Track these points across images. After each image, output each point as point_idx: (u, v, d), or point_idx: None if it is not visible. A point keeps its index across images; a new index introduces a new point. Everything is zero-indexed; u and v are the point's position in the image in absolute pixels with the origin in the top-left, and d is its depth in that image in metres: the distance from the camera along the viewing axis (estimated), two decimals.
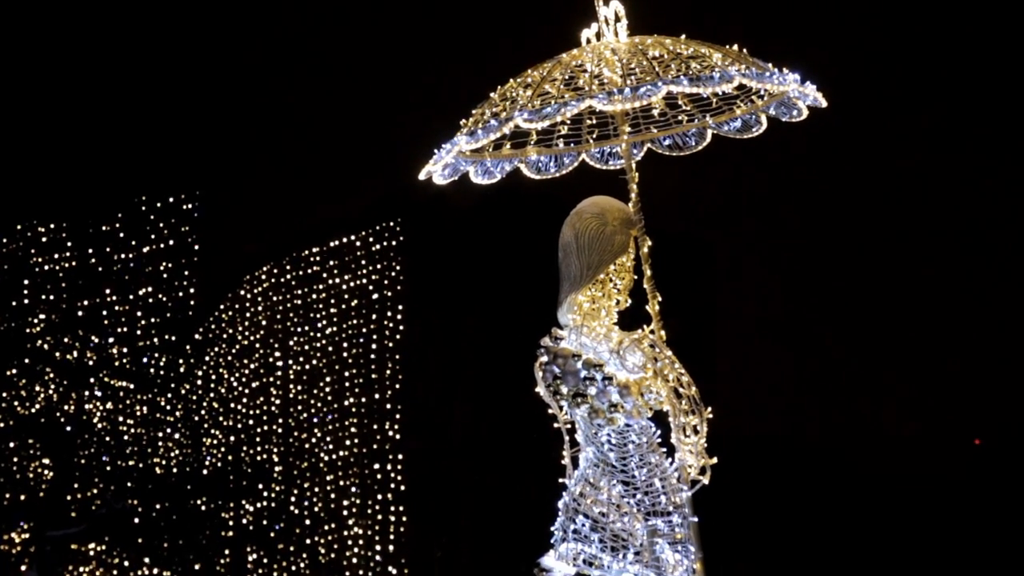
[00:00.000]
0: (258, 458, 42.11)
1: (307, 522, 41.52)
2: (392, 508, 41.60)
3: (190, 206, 38.65)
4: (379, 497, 41.82)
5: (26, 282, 34.90)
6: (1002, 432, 52.10)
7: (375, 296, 42.85)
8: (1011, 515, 46.90)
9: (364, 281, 43.18)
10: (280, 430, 44.07)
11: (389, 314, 42.62)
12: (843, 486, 48.16)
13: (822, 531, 46.17)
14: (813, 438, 51.45)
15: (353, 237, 43.66)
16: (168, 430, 37.53)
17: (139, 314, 36.99)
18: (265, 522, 39.70)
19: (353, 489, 42.33)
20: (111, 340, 34.86)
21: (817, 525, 46.32)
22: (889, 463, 52.75)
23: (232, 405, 42.69)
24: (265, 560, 41.71)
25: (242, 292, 45.05)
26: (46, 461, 33.91)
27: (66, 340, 33.64)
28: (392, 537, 41.46)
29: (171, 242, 38.21)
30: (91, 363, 33.92)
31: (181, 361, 37.13)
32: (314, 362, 43.93)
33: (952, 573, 44.00)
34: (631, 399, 8.64)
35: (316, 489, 42.85)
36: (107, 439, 34.61)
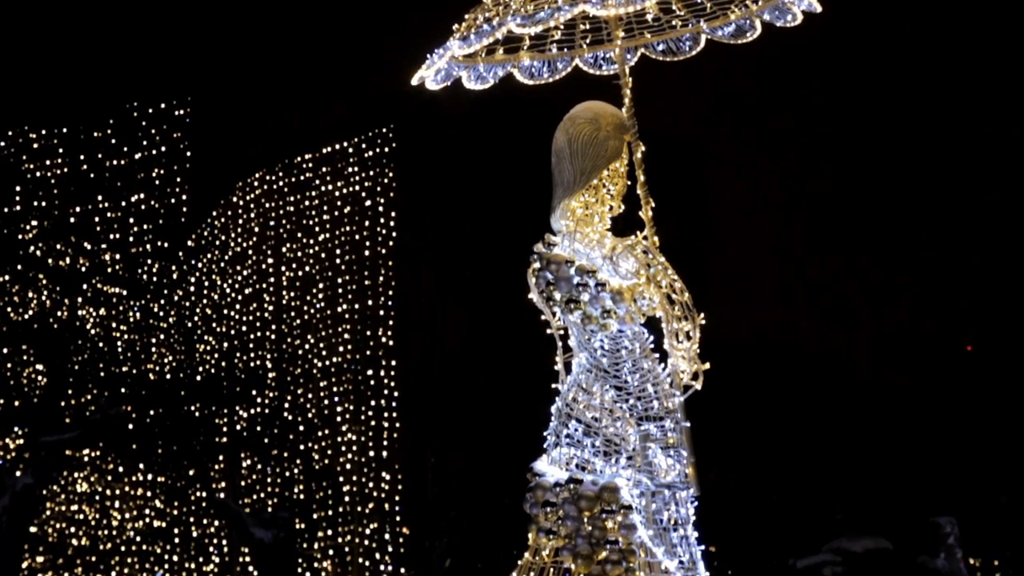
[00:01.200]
0: (251, 364, 42.20)
1: (301, 428, 41.69)
2: (385, 414, 41.75)
3: (181, 112, 38.45)
4: (372, 403, 41.96)
5: (18, 188, 34.76)
6: (994, 339, 52.26)
7: (368, 203, 42.78)
8: (1001, 420, 47.13)
9: (357, 188, 43.09)
10: (273, 336, 44.15)
11: (382, 221, 42.58)
12: (835, 391, 48.36)
13: (814, 436, 46.40)
14: (805, 344, 51.62)
15: (345, 144, 43.53)
16: (161, 336, 37.53)
17: (131, 220, 36.89)
18: (259, 428, 39.84)
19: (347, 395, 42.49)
20: (104, 246, 34.75)
21: (809, 430, 46.54)
22: (882, 369, 52.93)
23: (225, 312, 42.73)
24: (259, 466, 41.91)
25: (234, 199, 44.97)
26: (40, 367, 33.92)
27: (59, 247, 33.52)
28: (385, 443, 41.64)
29: (163, 148, 38.04)
30: (84, 269, 33.83)
31: (174, 268, 37.07)
32: (307, 269, 43.93)
33: (944, 477, 44.27)
34: (624, 305, 8.63)
35: (309, 395, 42.98)
36: (101, 345, 34.60)
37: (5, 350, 33.32)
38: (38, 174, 36.53)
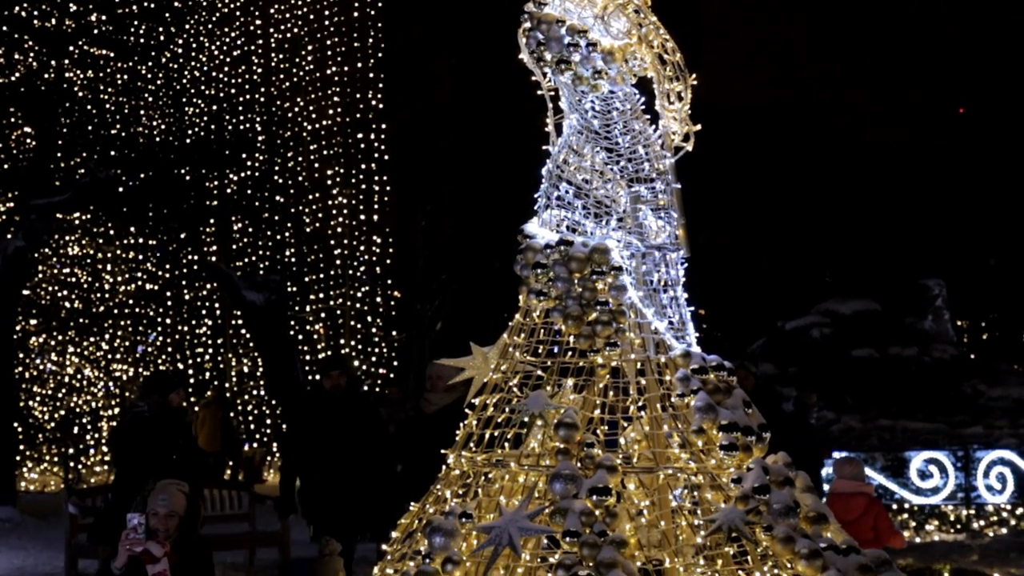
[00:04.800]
0: (241, 128, 42.00)
1: (291, 191, 41.67)
2: (376, 177, 41.73)
3: None
4: (363, 166, 41.91)
5: None
6: (985, 101, 52.20)
7: None
8: (991, 182, 47.31)
9: None
10: (262, 99, 43.91)
11: None
12: (826, 154, 48.42)
13: (804, 199, 46.59)
14: (796, 106, 51.48)
15: None
16: (150, 99, 37.24)
17: None
18: (249, 191, 39.81)
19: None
20: (90, 7, 34.21)
21: (799, 193, 46.71)
22: (873, 131, 52.91)
23: (214, 74, 42.38)
24: (250, 229, 42.00)
25: None
26: (28, 130, 33.71)
27: (44, 7, 33.02)
28: (376, 206, 41.70)
29: None
30: (70, 31, 33.38)
31: (161, 29, 36.59)
32: (295, 31, 43.50)
33: (933, 240, 44.57)
34: (615, 65, 8.55)
35: (300, 159, 42.90)
36: (89, 108, 34.33)
37: None
38: None
